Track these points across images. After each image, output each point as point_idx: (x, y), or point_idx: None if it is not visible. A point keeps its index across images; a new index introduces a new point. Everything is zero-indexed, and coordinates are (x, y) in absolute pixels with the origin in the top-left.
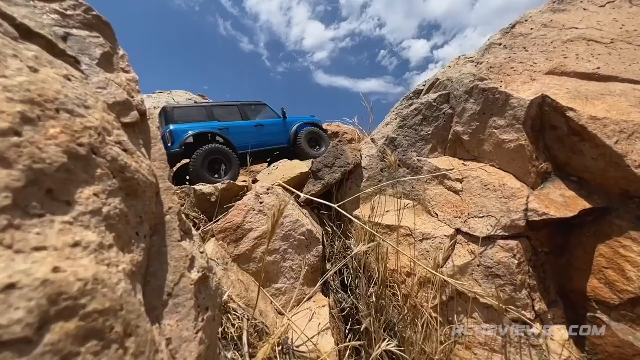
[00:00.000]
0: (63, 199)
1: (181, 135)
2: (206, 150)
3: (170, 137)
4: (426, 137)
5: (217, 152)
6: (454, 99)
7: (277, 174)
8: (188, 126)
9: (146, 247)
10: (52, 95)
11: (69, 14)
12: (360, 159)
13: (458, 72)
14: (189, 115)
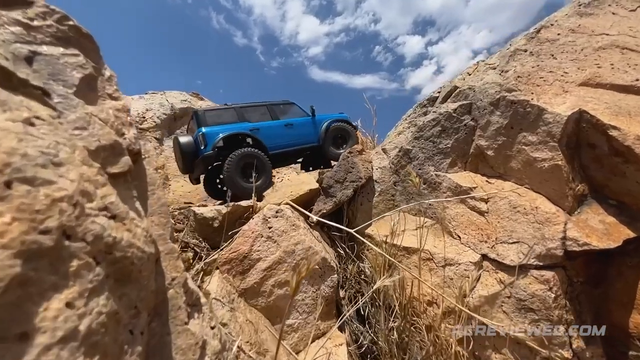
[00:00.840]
0: (13, 333)
1: (213, 137)
2: (239, 155)
3: (202, 140)
4: (445, 150)
5: (250, 156)
6: (477, 110)
7: (284, 190)
8: (220, 128)
9: (143, 347)
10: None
11: (36, 25)
12: (372, 172)
13: (480, 80)
14: (220, 117)
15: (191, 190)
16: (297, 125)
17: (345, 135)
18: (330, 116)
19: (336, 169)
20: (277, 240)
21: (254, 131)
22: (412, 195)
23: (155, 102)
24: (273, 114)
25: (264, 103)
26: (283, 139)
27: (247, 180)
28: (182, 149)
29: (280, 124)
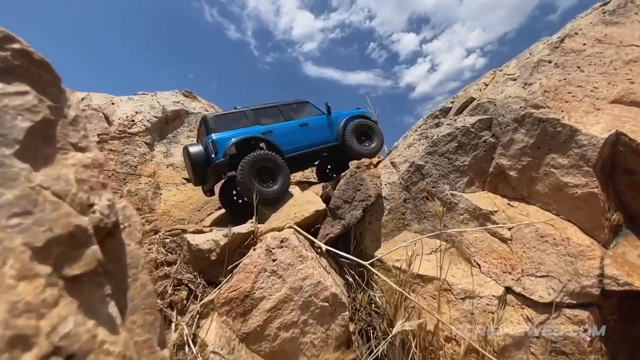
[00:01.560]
0: None
1: (224, 143)
2: (252, 159)
3: (213, 148)
4: (462, 168)
5: (265, 159)
6: (498, 126)
7: (287, 211)
8: (231, 133)
9: None
10: None
11: None
12: (381, 188)
13: (500, 92)
14: (230, 122)
15: (184, 200)
16: (312, 125)
17: (368, 131)
18: (346, 113)
19: (344, 187)
20: (283, 275)
21: (267, 134)
22: (425, 214)
23: (145, 104)
24: (286, 114)
25: (276, 104)
26: (299, 140)
27: (264, 185)
28: (193, 159)
29: (295, 124)
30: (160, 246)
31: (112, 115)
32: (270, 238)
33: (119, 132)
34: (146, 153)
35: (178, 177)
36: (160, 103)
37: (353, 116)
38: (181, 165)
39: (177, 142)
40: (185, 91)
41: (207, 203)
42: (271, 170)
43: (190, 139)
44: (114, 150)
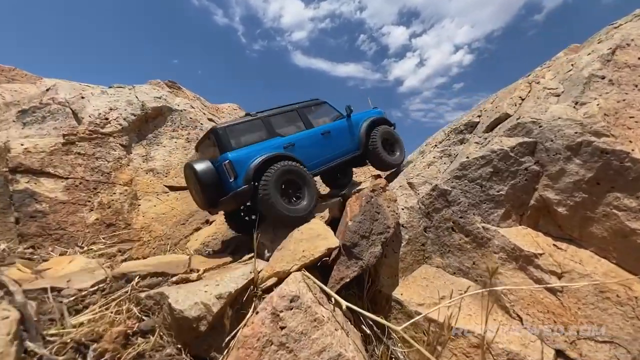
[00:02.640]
0: None
1: (243, 165)
2: (278, 172)
3: (230, 170)
4: (497, 198)
5: (290, 172)
6: (544, 153)
7: (293, 248)
8: (249, 151)
9: None
10: None
11: None
12: (399, 215)
13: (544, 110)
14: (245, 134)
15: (166, 212)
16: (335, 133)
17: (392, 139)
18: (366, 115)
19: (360, 218)
20: (294, 349)
21: (289, 148)
22: (449, 248)
23: (122, 99)
24: (306, 120)
25: (293, 107)
26: (322, 153)
27: (289, 201)
28: (202, 181)
29: (316, 134)
30: (133, 304)
31: (82, 111)
32: (276, 297)
33: (90, 132)
34: (122, 157)
35: (159, 185)
36: (139, 98)
37: (375, 120)
38: (163, 170)
39: (159, 144)
40: (168, 81)
41: (192, 215)
42: (296, 185)
43: (174, 139)
44: (83, 154)
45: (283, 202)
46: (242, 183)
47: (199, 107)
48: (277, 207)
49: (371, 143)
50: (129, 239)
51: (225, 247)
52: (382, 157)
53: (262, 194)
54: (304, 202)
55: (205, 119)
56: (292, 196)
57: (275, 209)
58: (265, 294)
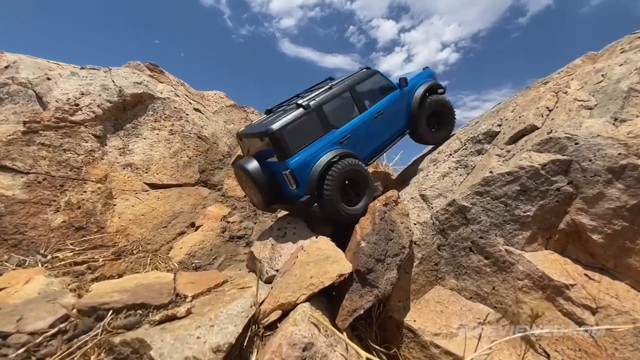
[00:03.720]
0: None
1: (304, 171)
2: (341, 171)
3: (292, 180)
4: (523, 219)
5: (353, 172)
6: (580, 173)
7: (299, 273)
8: (308, 154)
9: None
10: None
11: None
12: (412, 232)
13: (578, 125)
14: (301, 132)
15: (146, 213)
16: (388, 112)
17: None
18: (416, 81)
19: (374, 238)
20: None
21: (345, 142)
22: (465, 269)
23: (96, 82)
24: (359, 102)
25: (344, 86)
26: (376, 141)
27: (349, 202)
28: (258, 182)
29: (370, 118)
30: (104, 353)
31: (47, 94)
32: (285, 346)
33: (57, 120)
34: (95, 149)
35: (138, 182)
36: (117, 83)
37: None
38: (143, 166)
39: (139, 136)
40: (150, 64)
41: (175, 217)
42: (356, 185)
43: (155, 131)
44: (47, 145)
45: (344, 204)
46: (305, 191)
47: (184, 94)
48: (338, 210)
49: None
50: (102, 245)
51: (214, 257)
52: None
53: (326, 198)
54: (362, 203)
55: (192, 109)
56: (351, 196)
57: (337, 211)
58: (268, 330)
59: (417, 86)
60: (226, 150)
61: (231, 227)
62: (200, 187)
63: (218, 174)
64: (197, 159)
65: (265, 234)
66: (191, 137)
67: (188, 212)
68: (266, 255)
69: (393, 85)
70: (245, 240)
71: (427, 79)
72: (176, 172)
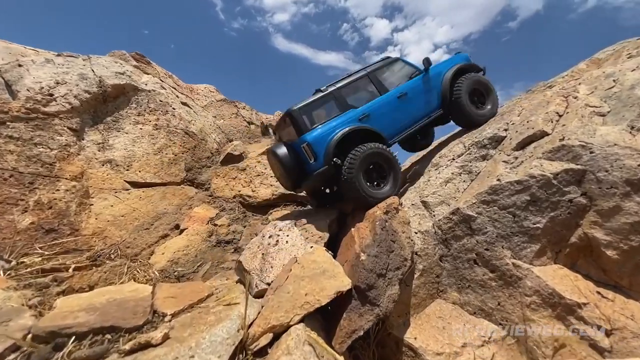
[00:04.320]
0: None
1: (322, 144)
2: (362, 154)
3: (310, 152)
4: (532, 232)
5: (375, 155)
6: (595, 184)
7: (292, 290)
8: (325, 129)
9: None
10: None
11: None
12: (413, 242)
13: (592, 133)
14: (319, 111)
15: (126, 213)
16: (412, 93)
17: (482, 90)
18: (448, 64)
19: (375, 250)
20: None
21: (364, 119)
22: (469, 283)
23: (73, 71)
24: (379, 85)
25: (364, 72)
26: (400, 119)
27: (373, 185)
28: (286, 165)
29: (392, 99)
30: None
31: (18, 83)
32: None
33: (27, 111)
34: (70, 144)
35: (118, 180)
36: (97, 72)
37: (461, 68)
38: (124, 162)
39: (120, 130)
40: (136, 54)
41: (158, 218)
42: (381, 168)
43: (139, 125)
44: (16, 137)
45: (366, 186)
46: (322, 163)
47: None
48: (360, 190)
49: (454, 96)
50: (76, 249)
51: (199, 265)
52: (468, 110)
53: (347, 175)
54: (387, 188)
55: (179, 103)
56: (376, 180)
57: (358, 192)
58: (257, 357)
59: (448, 68)
60: (215, 147)
61: (218, 231)
62: (186, 186)
63: (206, 172)
64: (183, 156)
65: (255, 241)
66: (177, 133)
67: (172, 213)
68: (256, 266)
69: (418, 69)
70: (233, 245)
71: (459, 61)
72: (160, 169)
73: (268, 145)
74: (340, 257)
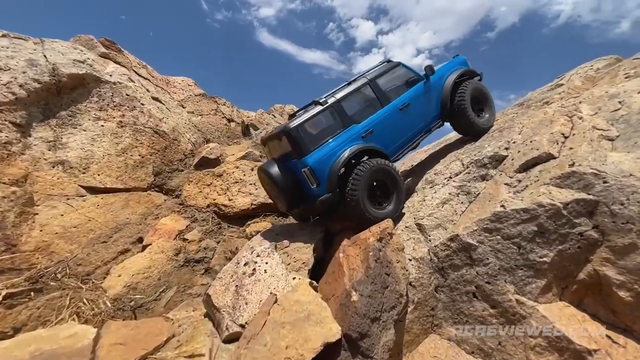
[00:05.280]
0: None
1: (324, 167)
2: (368, 171)
3: (311, 177)
4: (538, 266)
5: (381, 171)
6: (609, 217)
7: (270, 341)
8: (327, 150)
9: None
10: None
11: None
12: (408, 272)
13: (603, 159)
14: (318, 128)
15: (79, 224)
16: (414, 104)
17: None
18: (447, 69)
19: (369, 289)
20: None
21: (368, 137)
22: (467, 317)
23: (20, 56)
24: (380, 95)
25: (364, 80)
26: (403, 134)
27: (376, 204)
28: (281, 186)
29: (395, 111)
30: None
31: None
32: None
33: None
34: (12, 141)
35: (72, 185)
36: (50, 58)
37: (462, 74)
38: (80, 164)
39: (77, 126)
40: (105, 40)
41: (118, 230)
42: (385, 186)
43: (100, 122)
44: None
45: (371, 206)
46: (325, 190)
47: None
48: (365, 212)
49: (458, 104)
50: (12, 268)
51: (162, 290)
52: (471, 120)
53: (351, 198)
54: (391, 207)
55: (149, 98)
56: (379, 198)
57: (362, 214)
58: None
59: (448, 74)
60: (189, 148)
61: (187, 248)
62: (153, 192)
63: (177, 177)
64: (151, 159)
65: (228, 269)
66: (146, 132)
67: (135, 224)
68: (227, 302)
69: (419, 76)
70: (203, 265)
71: (458, 66)
72: (124, 173)
73: (248, 148)
74: (326, 287)
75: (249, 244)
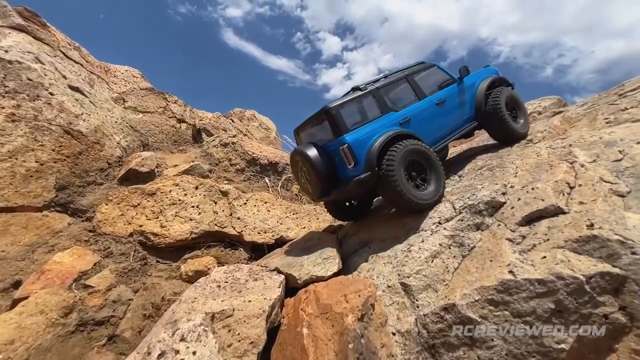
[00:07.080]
0: None
1: (363, 148)
2: (403, 150)
3: (349, 155)
4: (555, 354)
5: (415, 152)
6: (639, 298)
7: None
8: (365, 132)
9: None
10: None
11: None
12: (394, 357)
13: (621, 221)
14: (357, 111)
15: None
16: (450, 101)
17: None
18: (480, 75)
19: None
20: None
21: (405, 124)
22: None
23: None
24: (418, 89)
25: (402, 74)
26: (439, 126)
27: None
28: (318, 169)
29: (431, 105)
30: None
31: None
32: None
33: None
34: None
35: None
36: None
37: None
38: None
39: None
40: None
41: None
42: (421, 167)
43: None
44: None
45: (411, 187)
46: (363, 169)
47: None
48: (406, 193)
49: (493, 107)
50: None
51: None
52: (508, 124)
53: (390, 179)
54: (431, 187)
55: (64, 86)
56: (416, 180)
57: (404, 194)
58: None
59: (480, 80)
60: (117, 154)
61: (86, 302)
62: (52, 213)
63: (91, 193)
64: (55, 167)
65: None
66: (51, 131)
67: (14, 260)
68: None
69: (453, 78)
70: (108, 329)
71: (490, 74)
72: (8, 185)
73: (196, 159)
74: None
75: (173, 314)
